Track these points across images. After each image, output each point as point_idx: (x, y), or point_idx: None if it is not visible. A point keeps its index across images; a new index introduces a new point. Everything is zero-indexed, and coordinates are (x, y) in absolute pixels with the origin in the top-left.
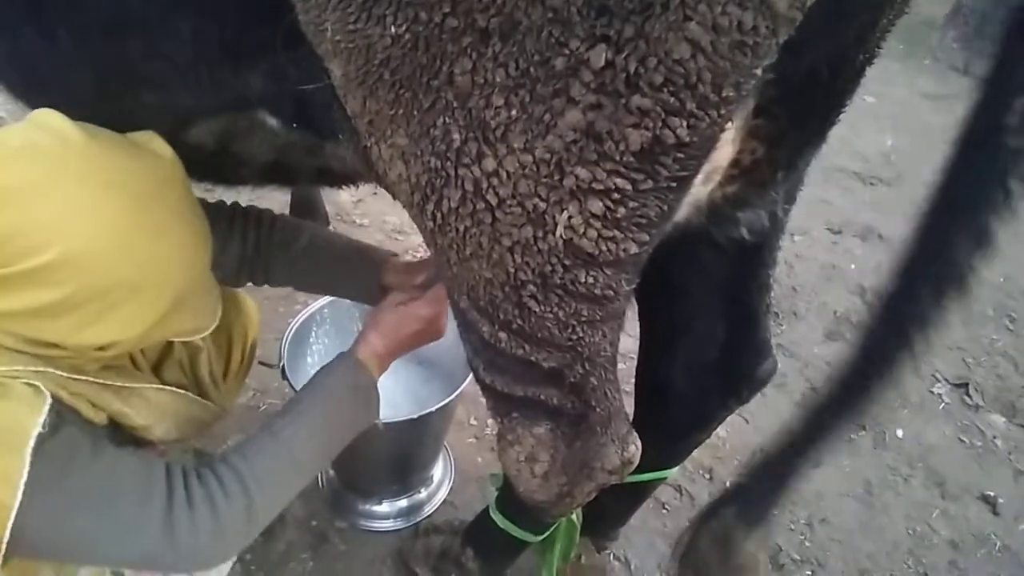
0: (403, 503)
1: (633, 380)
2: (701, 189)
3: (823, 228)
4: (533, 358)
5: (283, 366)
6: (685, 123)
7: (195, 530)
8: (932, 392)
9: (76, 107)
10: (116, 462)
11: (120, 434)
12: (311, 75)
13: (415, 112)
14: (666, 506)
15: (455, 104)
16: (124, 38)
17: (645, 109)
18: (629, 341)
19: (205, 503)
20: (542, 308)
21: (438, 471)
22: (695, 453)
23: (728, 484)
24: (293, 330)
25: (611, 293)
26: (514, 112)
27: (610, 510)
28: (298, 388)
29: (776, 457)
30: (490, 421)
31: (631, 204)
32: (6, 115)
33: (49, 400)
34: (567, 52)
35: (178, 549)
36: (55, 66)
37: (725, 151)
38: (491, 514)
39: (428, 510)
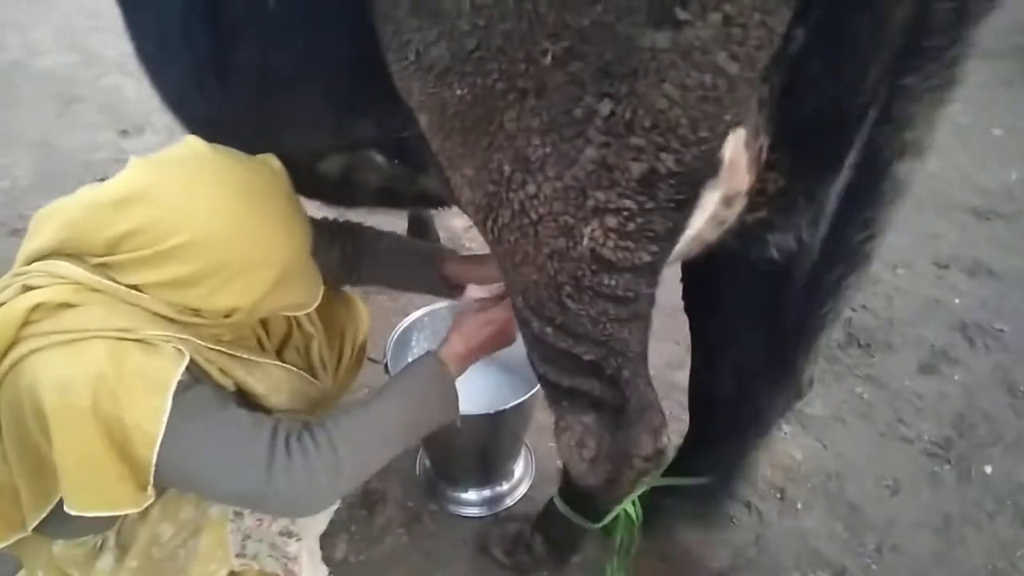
0: (487, 493)
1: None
2: (726, 212)
3: (929, 262)
4: (575, 351)
5: (386, 363)
6: (672, 157)
7: (290, 476)
8: None
9: (242, 145)
10: (233, 415)
11: (242, 400)
12: (406, 124)
13: (477, 150)
14: (734, 519)
15: (505, 144)
16: (275, 96)
17: (640, 146)
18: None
19: (299, 454)
20: (577, 306)
21: (519, 467)
22: (768, 472)
23: (799, 507)
24: (397, 334)
25: (631, 295)
26: (548, 149)
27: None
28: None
29: None
30: None
31: (639, 220)
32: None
33: (188, 360)
34: (583, 105)
35: (276, 491)
36: (231, 120)
37: (742, 179)
38: (555, 502)
39: (509, 502)
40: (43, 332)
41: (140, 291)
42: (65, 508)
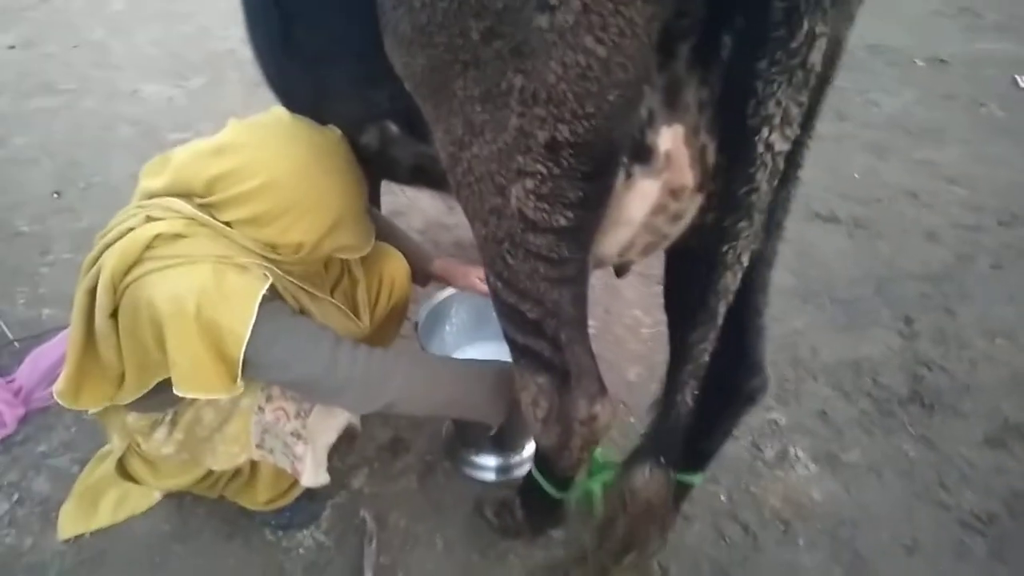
0: (498, 461)
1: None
2: (677, 205)
3: None
4: (521, 308)
5: (416, 322)
6: (567, 127)
7: (349, 368)
8: None
9: (303, 109)
10: (305, 320)
11: None
12: (404, 95)
13: (441, 115)
14: (727, 539)
15: (457, 109)
16: (318, 67)
17: (543, 117)
18: None
19: (362, 356)
20: (515, 263)
21: (531, 444)
22: (777, 503)
23: (800, 543)
24: (437, 301)
25: (556, 256)
26: (487, 116)
27: None
28: (425, 343)
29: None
30: None
31: (550, 184)
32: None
33: (270, 281)
34: (506, 78)
35: (336, 379)
36: (294, 85)
37: (685, 174)
38: (532, 468)
39: (517, 473)
40: (161, 256)
41: (231, 228)
42: (174, 390)
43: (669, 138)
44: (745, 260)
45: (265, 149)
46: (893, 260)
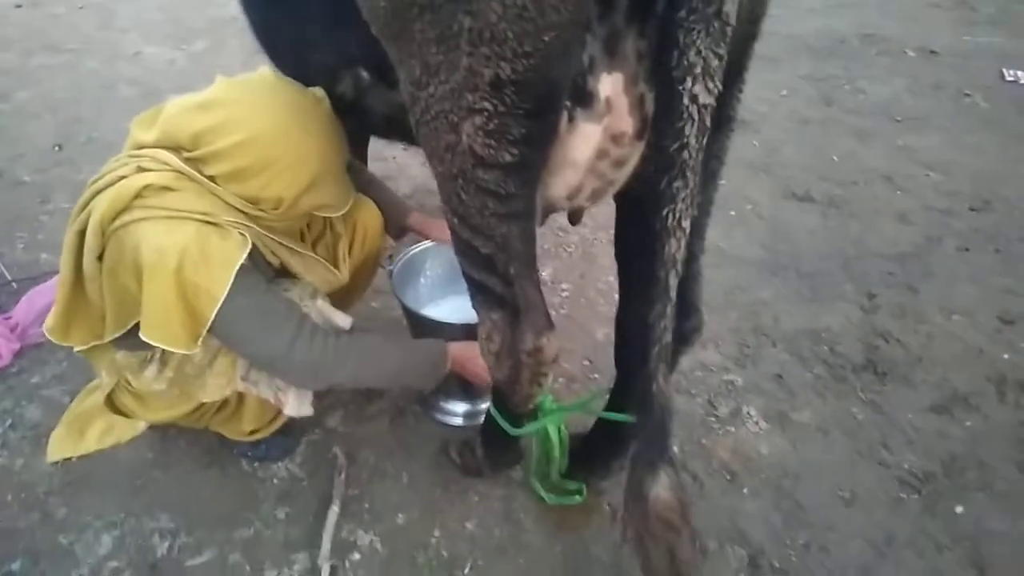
0: (464, 408)
1: None
2: (619, 151)
3: (993, 315)
4: (474, 243)
5: (391, 271)
6: (508, 66)
7: (304, 355)
8: None
9: (286, 59)
10: (275, 298)
11: (285, 274)
12: (373, 40)
13: (403, 57)
14: None
15: (416, 51)
16: (294, 13)
17: (488, 55)
18: None
19: (318, 343)
20: (468, 198)
21: None
22: (725, 455)
23: (745, 492)
24: (411, 253)
25: (502, 192)
26: (441, 57)
27: (592, 445)
28: (400, 294)
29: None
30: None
31: (496, 121)
32: None
33: (250, 245)
34: (457, 20)
35: (290, 362)
36: (276, 35)
37: (624, 120)
38: (490, 407)
39: (481, 419)
40: (150, 206)
41: (216, 183)
42: (140, 335)
43: (609, 85)
44: (686, 226)
45: (248, 106)
46: (862, 239)
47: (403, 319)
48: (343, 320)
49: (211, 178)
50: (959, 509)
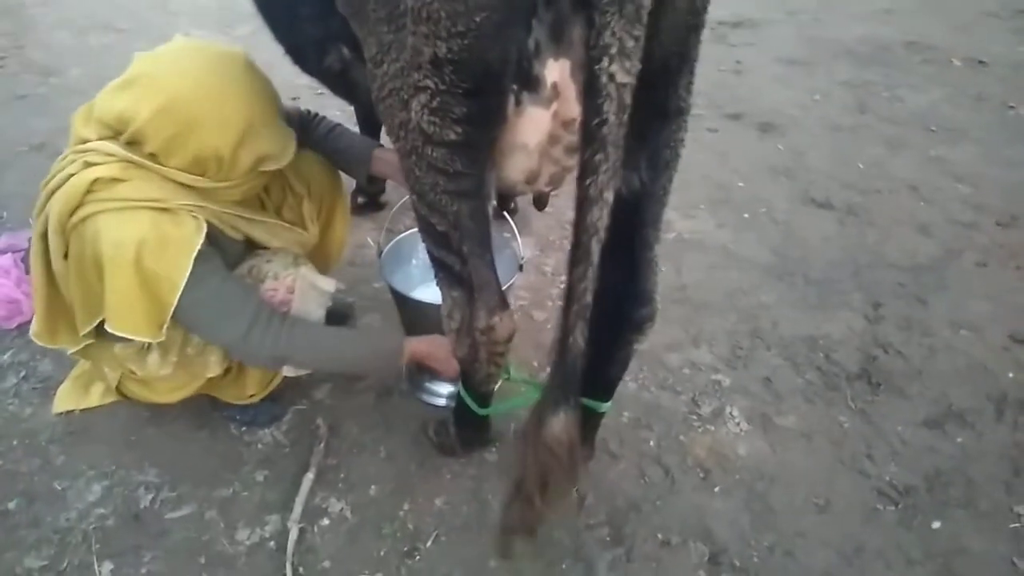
0: (448, 389)
1: None
2: (570, 137)
3: (1004, 334)
4: (431, 220)
5: (380, 250)
6: (444, 45)
7: (260, 341)
8: None
9: (283, 33)
10: (233, 286)
11: (251, 245)
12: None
13: (363, 35)
14: (647, 478)
15: (372, 31)
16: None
17: (426, 33)
18: None
19: (272, 331)
20: (422, 175)
21: None
22: (701, 452)
23: (716, 490)
24: (401, 236)
25: (450, 169)
26: (392, 36)
27: None
28: (389, 278)
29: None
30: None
31: (438, 99)
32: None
33: (205, 228)
34: (403, 1)
35: (247, 347)
36: (275, 10)
37: (573, 107)
38: (459, 387)
39: None
40: (102, 199)
41: (159, 161)
42: (105, 327)
43: (556, 71)
44: (608, 196)
45: (163, 74)
46: (877, 248)
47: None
48: (327, 284)
49: (152, 157)
50: (936, 524)
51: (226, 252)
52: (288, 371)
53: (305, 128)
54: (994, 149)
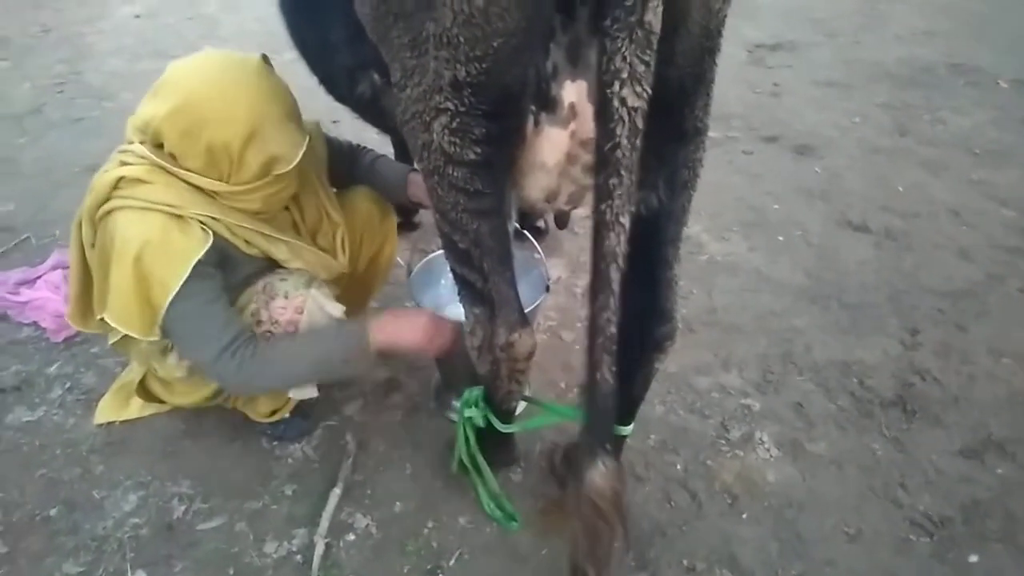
0: None
1: None
2: (588, 156)
3: None
4: (454, 238)
5: (410, 268)
6: (463, 68)
7: (228, 366)
8: None
9: (316, 58)
10: (216, 310)
11: (271, 264)
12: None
13: (388, 59)
14: (673, 503)
15: (396, 55)
16: (318, 19)
17: (446, 58)
18: None
19: (239, 357)
20: (443, 193)
21: None
22: (729, 478)
23: (744, 517)
24: (432, 255)
25: (471, 188)
26: (415, 61)
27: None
28: (419, 297)
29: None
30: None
31: (459, 120)
32: None
33: (211, 241)
34: (425, 27)
35: (219, 370)
36: (307, 37)
37: (591, 127)
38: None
39: None
40: (124, 196)
41: (178, 163)
42: (103, 315)
43: (574, 92)
44: (624, 221)
45: (181, 78)
46: (915, 273)
47: None
48: (335, 309)
49: (173, 159)
50: (973, 558)
51: (241, 268)
52: (294, 392)
53: (354, 161)
54: None
